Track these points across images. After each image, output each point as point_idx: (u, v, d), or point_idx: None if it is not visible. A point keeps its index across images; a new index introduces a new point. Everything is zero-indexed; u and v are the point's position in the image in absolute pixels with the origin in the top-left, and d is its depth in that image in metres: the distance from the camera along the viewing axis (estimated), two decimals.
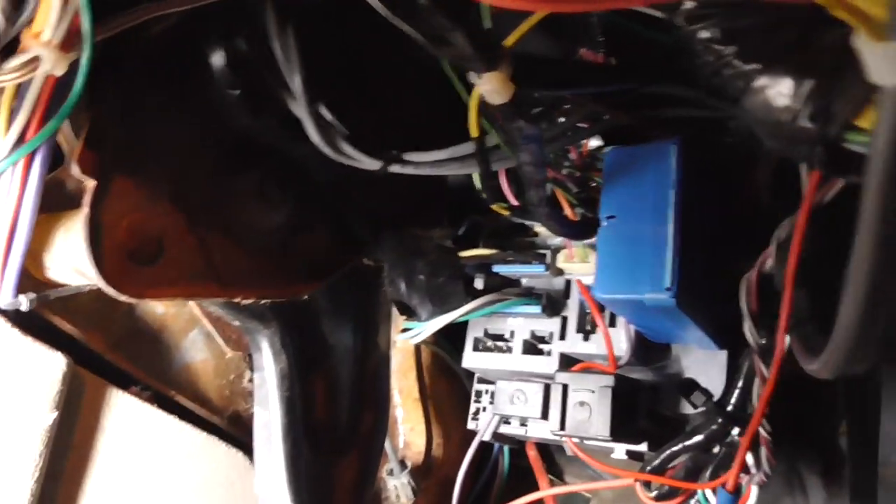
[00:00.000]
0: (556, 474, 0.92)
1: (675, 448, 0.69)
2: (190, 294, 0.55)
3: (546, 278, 0.78)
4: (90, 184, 0.49)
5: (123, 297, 0.50)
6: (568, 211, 0.72)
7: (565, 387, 0.69)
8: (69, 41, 0.44)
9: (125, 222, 0.51)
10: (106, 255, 0.50)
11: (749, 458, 0.67)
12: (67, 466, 0.55)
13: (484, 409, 0.84)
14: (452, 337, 0.89)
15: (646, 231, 0.59)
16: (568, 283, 0.77)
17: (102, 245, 0.50)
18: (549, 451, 0.94)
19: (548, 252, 0.77)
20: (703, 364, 0.72)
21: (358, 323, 0.75)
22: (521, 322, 0.78)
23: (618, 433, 0.67)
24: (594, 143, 0.73)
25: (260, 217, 0.63)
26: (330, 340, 0.72)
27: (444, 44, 0.40)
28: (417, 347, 0.93)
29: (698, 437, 0.68)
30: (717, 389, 0.70)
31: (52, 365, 0.54)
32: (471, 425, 0.84)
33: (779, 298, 0.58)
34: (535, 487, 0.89)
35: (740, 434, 0.66)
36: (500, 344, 0.80)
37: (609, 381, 0.68)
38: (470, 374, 0.87)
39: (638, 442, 0.72)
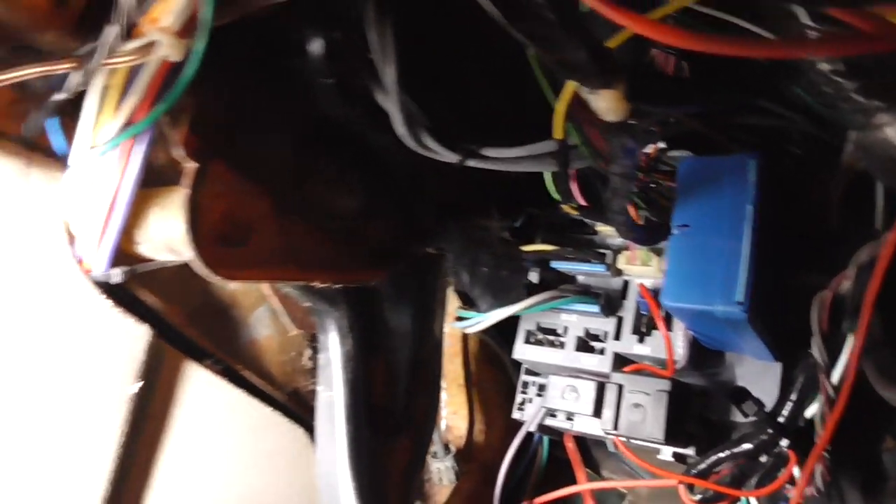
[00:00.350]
0: (593, 467, 0.94)
1: (722, 454, 0.70)
2: (273, 276, 0.56)
3: (604, 277, 0.79)
4: (191, 166, 0.50)
5: (216, 279, 0.51)
6: (632, 213, 0.72)
7: (620, 387, 0.71)
8: (187, 28, 0.45)
9: (220, 205, 0.52)
10: (202, 236, 0.51)
11: (795, 471, 0.68)
12: (145, 434, 0.57)
13: (530, 400, 0.85)
14: (501, 326, 0.90)
15: (720, 244, 0.60)
16: (626, 283, 0.78)
17: (199, 227, 0.51)
18: (585, 445, 0.95)
19: (608, 252, 0.77)
20: (757, 374, 0.73)
21: (416, 309, 0.76)
22: (575, 319, 0.79)
23: (670, 436, 0.69)
24: (659, 144, 0.73)
25: (337, 202, 0.64)
26: (391, 325, 0.74)
27: (562, 57, 0.41)
28: (464, 334, 0.94)
29: (747, 446, 0.69)
30: (768, 400, 0.71)
31: (138, 336, 0.56)
32: (516, 415, 0.86)
33: (846, 320, 0.58)
34: (572, 479, 0.91)
35: (790, 446, 0.67)
36: (551, 338, 0.81)
37: (666, 385, 0.69)
38: (515, 364, 0.88)
39: (686, 445, 0.74)
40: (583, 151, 0.62)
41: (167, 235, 0.53)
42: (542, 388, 0.85)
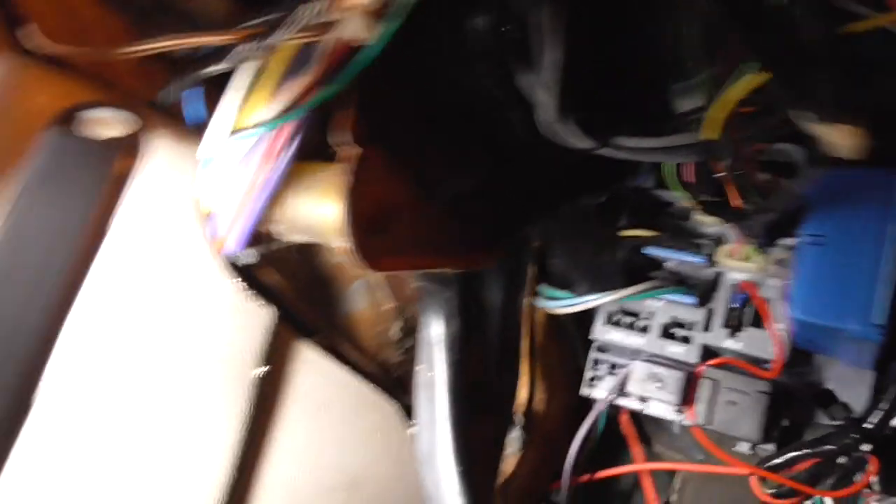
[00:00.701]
0: (644, 441, 0.95)
1: (800, 452, 0.71)
2: (412, 265, 0.53)
3: (697, 267, 0.77)
4: (355, 151, 0.46)
5: (364, 269, 0.48)
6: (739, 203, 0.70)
7: (715, 382, 0.71)
8: (380, 9, 0.41)
9: (373, 192, 0.49)
10: (354, 222, 0.48)
11: (873, 478, 0.69)
12: (262, 416, 0.55)
13: (601, 377, 0.85)
14: None
15: (859, 261, 0.59)
16: (717, 275, 0.77)
17: (353, 213, 0.48)
18: (638, 419, 0.96)
19: (708, 242, 0.76)
20: (846, 379, 0.72)
21: (508, 286, 0.74)
22: (662, 305, 0.78)
23: (764, 437, 0.69)
24: None
25: (459, 182, 0.61)
26: (487, 303, 0.72)
27: (805, 85, 0.37)
28: (531, 305, 0.93)
29: (829, 447, 0.70)
30: (855, 405, 0.72)
31: (264, 318, 0.53)
32: (584, 391, 0.85)
33: None
34: (624, 451, 0.92)
35: (873, 451, 0.69)
36: (634, 321, 0.80)
37: (766, 386, 0.69)
38: (583, 339, 0.87)
39: (767, 441, 0.74)
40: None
41: (314, 219, 0.49)
42: (613, 366, 0.85)
